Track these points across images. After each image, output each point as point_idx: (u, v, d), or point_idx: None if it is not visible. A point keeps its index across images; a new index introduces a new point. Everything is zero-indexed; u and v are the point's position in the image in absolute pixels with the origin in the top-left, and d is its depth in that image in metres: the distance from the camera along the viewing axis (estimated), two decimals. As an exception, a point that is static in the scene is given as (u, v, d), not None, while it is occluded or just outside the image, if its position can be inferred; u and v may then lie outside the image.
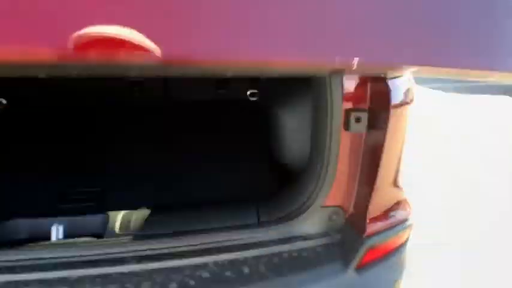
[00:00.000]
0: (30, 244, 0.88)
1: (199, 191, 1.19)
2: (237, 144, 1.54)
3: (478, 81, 6.37)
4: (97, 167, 1.28)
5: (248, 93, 1.85)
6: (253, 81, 1.85)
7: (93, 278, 0.82)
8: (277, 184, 1.19)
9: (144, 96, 1.85)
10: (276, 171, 1.33)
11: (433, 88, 6.43)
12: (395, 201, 0.99)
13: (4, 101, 1.68)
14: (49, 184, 1.17)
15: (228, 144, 1.52)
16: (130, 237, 0.89)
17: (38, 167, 1.29)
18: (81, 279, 0.82)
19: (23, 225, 0.94)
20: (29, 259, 0.84)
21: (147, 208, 1.01)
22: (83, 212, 1.03)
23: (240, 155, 1.45)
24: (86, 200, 1.10)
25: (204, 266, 0.86)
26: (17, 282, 0.81)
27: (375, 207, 0.92)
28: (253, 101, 1.84)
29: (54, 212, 1.04)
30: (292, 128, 1.29)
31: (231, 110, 1.90)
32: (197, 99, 1.96)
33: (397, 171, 0.95)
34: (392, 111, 0.82)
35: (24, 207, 1.04)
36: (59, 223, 0.92)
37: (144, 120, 1.77)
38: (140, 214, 0.96)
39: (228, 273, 0.85)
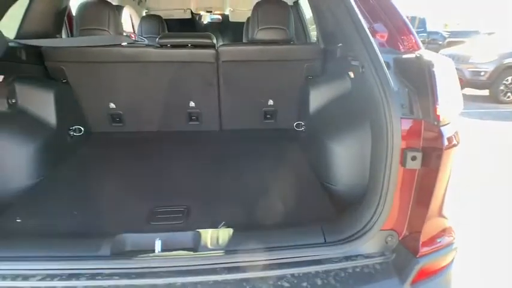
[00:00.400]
0: (139, 255, 1.07)
1: (268, 212, 1.37)
2: (292, 170, 1.74)
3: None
4: (180, 188, 1.49)
5: (294, 124, 2.06)
6: (300, 114, 2.07)
7: (194, 284, 1.01)
8: (334, 209, 1.37)
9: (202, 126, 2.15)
10: (327, 195, 1.51)
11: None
12: (442, 227, 1.14)
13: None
14: (143, 204, 1.38)
15: (284, 169, 1.72)
16: (222, 251, 1.07)
17: (131, 188, 1.52)
18: (184, 286, 1.01)
19: (128, 239, 1.13)
20: (141, 267, 1.04)
21: (227, 227, 1.20)
22: (171, 229, 1.22)
23: (296, 179, 1.65)
24: (173, 219, 1.30)
25: (283, 277, 1.03)
26: (135, 287, 1.00)
27: (426, 232, 1.08)
28: (299, 131, 2.04)
29: (148, 228, 1.24)
30: (343, 157, 1.46)
31: (279, 139, 2.11)
32: (247, 128, 2.20)
33: (445, 202, 1.11)
34: (444, 152, 0.99)
35: (125, 224, 1.24)
36: (159, 238, 1.11)
37: (206, 147, 2.02)
38: (225, 232, 1.14)
39: (304, 284, 1.02)
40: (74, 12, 2.31)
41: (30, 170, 1.57)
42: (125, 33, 2.10)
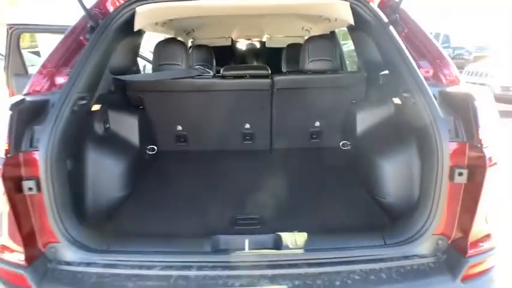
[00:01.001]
0: (233, 252, 1.34)
1: (330, 220, 1.61)
2: (343, 184, 1.99)
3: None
4: (250, 199, 1.76)
5: (340, 143, 2.32)
6: (346, 134, 2.33)
7: (282, 276, 1.26)
8: (387, 217, 1.60)
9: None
10: (378, 206, 1.73)
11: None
12: (486, 233, 1.33)
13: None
14: (224, 212, 1.67)
15: (336, 184, 1.97)
16: (301, 250, 1.32)
17: (210, 198, 1.82)
18: (273, 277, 1.26)
19: (222, 239, 1.40)
20: (237, 261, 1.30)
21: (299, 231, 1.44)
22: (251, 232, 1.48)
23: (349, 192, 1.90)
24: (251, 224, 1.57)
25: (353, 271, 1.27)
26: (233, 276, 1.26)
27: (473, 236, 1.29)
28: (345, 149, 2.29)
29: (234, 231, 1.51)
30: (392, 173, 1.69)
31: (325, 157, 2.37)
32: (295, 147, 2.47)
33: (487, 212, 1.31)
34: (486, 169, 1.21)
35: (215, 228, 1.52)
36: (247, 238, 1.38)
37: (261, 164, 2.30)
38: (301, 235, 1.39)
39: (372, 277, 1.24)
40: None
41: (122, 183, 1.89)
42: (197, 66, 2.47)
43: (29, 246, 1.32)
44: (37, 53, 12.10)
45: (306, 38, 3.89)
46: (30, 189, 1.28)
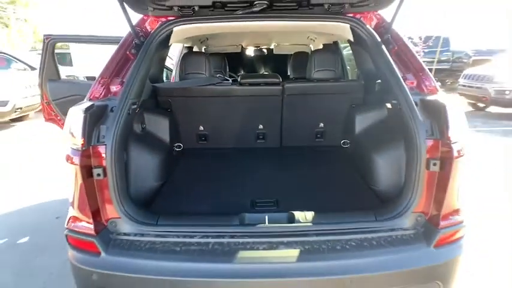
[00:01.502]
0: (256, 225, 1.69)
1: (333, 203, 1.97)
2: (344, 176, 2.35)
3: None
4: (265, 187, 2.13)
5: (341, 142, 2.69)
6: (346, 134, 2.70)
7: (295, 242, 1.61)
8: (378, 201, 1.96)
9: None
10: (372, 193, 2.10)
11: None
12: (455, 209, 1.67)
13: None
14: (245, 197, 2.03)
15: (338, 175, 2.34)
16: (310, 223, 1.68)
17: (232, 186, 2.19)
18: (288, 243, 1.61)
19: (247, 216, 1.76)
20: (260, 232, 1.66)
21: (308, 210, 1.80)
22: (269, 211, 1.84)
23: (348, 182, 2.26)
24: (268, 206, 1.93)
25: (350, 240, 1.62)
26: (257, 242, 1.62)
27: (444, 213, 1.64)
28: (345, 147, 2.67)
29: (255, 211, 1.87)
30: (384, 167, 2.05)
31: (329, 153, 2.74)
32: (302, 145, 2.85)
33: (457, 194, 1.66)
34: (454, 160, 1.57)
35: (240, 208, 1.88)
36: (267, 215, 1.74)
37: (273, 159, 2.67)
38: (309, 213, 1.74)
39: (365, 244, 1.60)
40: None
41: (158, 173, 2.26)
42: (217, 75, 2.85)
43: (96, 220, 1.68)
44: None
45: (312, 47, 4.27)
46: (98, 175, 1.65)
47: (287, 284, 1.51)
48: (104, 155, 1.66)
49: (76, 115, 1.64)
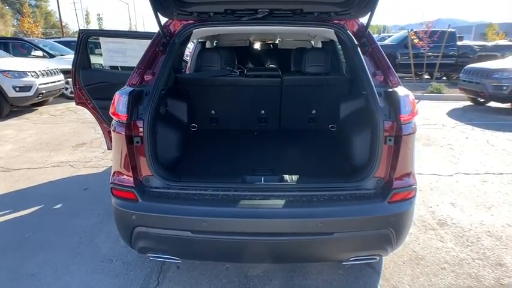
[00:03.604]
0: (255, 183, 2.24)
1: (317, 170, 2.51)
2: (329, 153, 2.88)
3: None
4: (263, 159, 2.67)
5: (330, 126, 3.22)
6: (333, 119, 3.22)
7: (282, 195, 2.14)
8: (351, 168, 2.48)
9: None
10: (349, 166, 2.62)
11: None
12: (407, 174, 2.17)
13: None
14: (247, 165, 2.58)
15: (325, 152, 2.87)
16: (295, 182, 2.22)
17: (238, 158, 2.73)
18: (278, 196, 2.14)
19: (248, 177, 2.30)
20: (257, 187, 2.20)
21: (295, 175, 2.33)
22: (266, 175, 2.38)
23: (332, 157, 2.79)
24: (265, 172, 2.47)
25: (324, 195, 2.13)
26: (255, 195, 2.15)
27: (397, 177, 2.15)
28: (332, 131, 3.20)
29: (255, 174, 2.42)
30: (359, 145, 2.56)
31: (319, 135, 3.27)
32: (298, 128, 3.38)
33: (408, 162, 2.17)
34: (404, 137, 2.08)
35: (244, 172, 2.42)
36: (263, 177, 2.28)
37: (273, 138, 3.22)
38: (296, 176, 2.28)
39: (334, 198, 2.12)
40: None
41: (178, 146, 2.81)
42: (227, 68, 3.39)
43: (135, 176, 2.23)
44: (63, 43, 13.14)
45: (313, 42, 4.77)
46: (137, 142, 2.20)
47: (275, 223, 2.05)
48: (141, 128, 2.21)
49: (122, 97, 2.19)
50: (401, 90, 2.18)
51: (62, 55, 11.41)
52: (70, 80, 6.20)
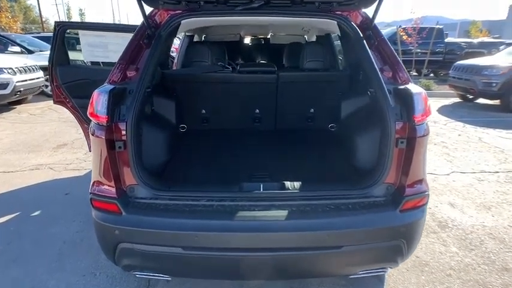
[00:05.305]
0: (253, 192, 2.01)
1: (319, 176, 2.30)
2: (330, 154, 2.68)
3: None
4: (261, 162, 2.44)
5: (329, 125, 3.01)
6: (333, 118, 3.01)
7: (284, 205, 1.93)
8: (356, 174, 2.29)
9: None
10: (352, 169, 2.42)
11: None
12: (419, 181, 2.00)
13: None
14: (244, 170, 2.35)
15: (325, 154, 2.67)
16: (297, 190, 2.00)
17: (232, 162, 2.50)
18: (279, 205, 1.93)
19: (245, 185, 2.07)
20: (256, 196, 1.98)
21: (296, 181, 2.12)
22: (263, 181, 2.16)
23: (334, 160, 2.59)
24: (263, 178, 2.25)
25: (331, 204, 1.94)
26: (253, 205, 1.93)
27: (409, 183, 1.96)
28: (332, 131, 2.99)
29: (251, 181, 2.19)
30: (363, 147, 2.37)
31: (318, 135, 3.07)
32: (295, 128, 3.16)
33: (421, 167, 1.99)
34: (417, 139, 1.89)
35: (240, 179, 2.19)
36: (262, 184, 2.06)
37: (268, 139, 2.99)
38: (297, 183, 2.07)
39: (342, 207, 1.92)
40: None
41: (165, 149, 2.55)
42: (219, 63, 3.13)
43: (117, 186, 1.98)
44: (43, 38, 12.63)
45: (306, 37, 4.55)
46: (119, 147, 1.94)
47: (276, 237, 1.84)
48: (124, 131, 1.95)
49: (101, 96, 1.92)
50: (413, 87, 1.99)
51: (41, 51, 10.86)
52: (50, 77, 5.81)
